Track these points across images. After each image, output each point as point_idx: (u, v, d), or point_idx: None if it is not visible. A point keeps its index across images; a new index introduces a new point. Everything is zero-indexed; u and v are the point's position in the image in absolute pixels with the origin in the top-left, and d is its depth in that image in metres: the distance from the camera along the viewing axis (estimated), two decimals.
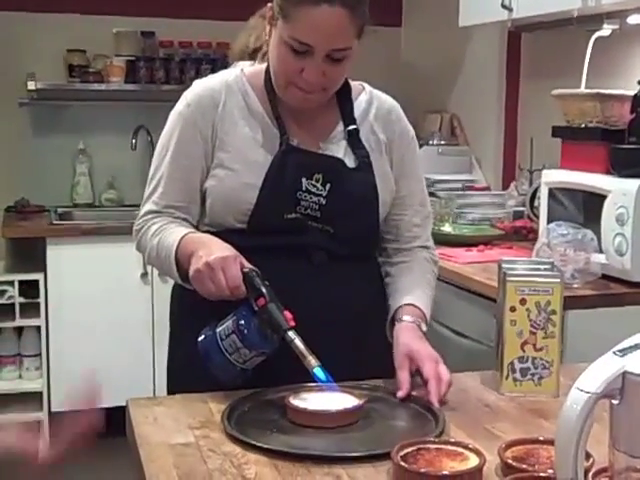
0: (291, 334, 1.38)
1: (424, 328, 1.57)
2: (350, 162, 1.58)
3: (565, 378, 1.48)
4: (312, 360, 1.37)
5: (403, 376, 1.45)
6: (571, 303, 2.18)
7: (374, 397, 1.43)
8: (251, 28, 1.57)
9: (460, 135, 3.94)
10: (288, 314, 1.39)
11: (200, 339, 1.44)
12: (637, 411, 0.89)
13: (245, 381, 1.44)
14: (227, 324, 1.41)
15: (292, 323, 1.38)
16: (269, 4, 1.52)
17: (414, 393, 1.43)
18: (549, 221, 2.56)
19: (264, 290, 1.39)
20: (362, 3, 1.47)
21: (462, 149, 3.84)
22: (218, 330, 1.42)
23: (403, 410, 1.40)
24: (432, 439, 1.23)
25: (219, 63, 4.06)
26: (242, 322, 1.40)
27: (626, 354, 0.90)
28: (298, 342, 1.37)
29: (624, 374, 0.89)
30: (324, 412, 1.33)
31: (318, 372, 1.36)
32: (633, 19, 2.71)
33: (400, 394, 1.42)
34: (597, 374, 0.90)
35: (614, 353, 0.91)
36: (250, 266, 1.42)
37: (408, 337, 1.52)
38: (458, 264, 2.67)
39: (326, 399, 1.36)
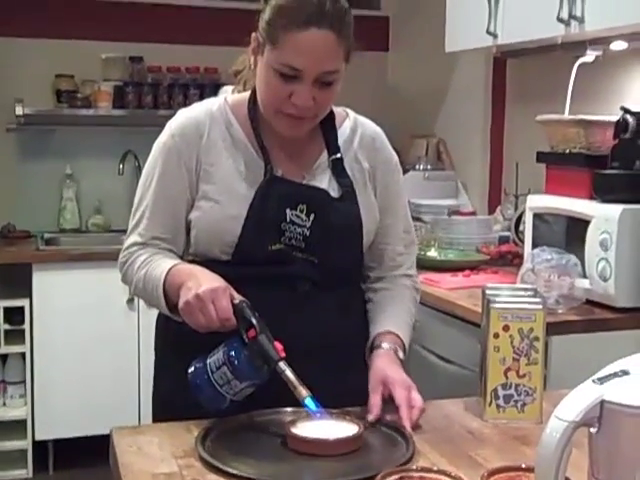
0: (282, 365, 1.38)
1: (401, 355, 1.58)
2: (334, 192, 1.59)
3: (549, 405, 1.48)
4: (303, 391, 1.37)
5: (374, 400, 1.46)
6: (555, 328, 2.19)
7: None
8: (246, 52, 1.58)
9: (446, 160, 3.96)
10: (278, 345, 1.39)
11: (190, 371, 1.44)
12: (615, 439, 0.90)
13: (233, 411, 1.44)
14: (217, 356, 1.41)
15: (282, 354, 1.39)
16: (253, 34, 1.52)
17: (387, 417, 1.44)
18: (534, 246, 2.58)
19: (254, 322, 1.39)
20: (348, 26, 1.48)
21: (448, 174, 3.87)
22: (208, 362, 1.42)
23: (375, 435, 1.40)
24: (414, 467, 1.23)
25: (207, 88, 4.09)
26: (233, 354, 1.40)
27: (604, 382, 0.91)
28: (289, 373, 1.38)
29: (602, 402, 0.89)
30: (324, 441, 1.33)
31: (309, 402, 1.37)
32: (616, 45, 2.75)
33: (370, 417, 1.43)
34: (575, 402, 0.90)
35: (593, 381, 0.92)
36: (240, 297, 1.42)
37: (384, 363, 1.53)
38: (444, 290, 2.67)
39: (323, 427, 1.37)
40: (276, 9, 1.46)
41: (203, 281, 1.40)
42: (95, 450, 2.15)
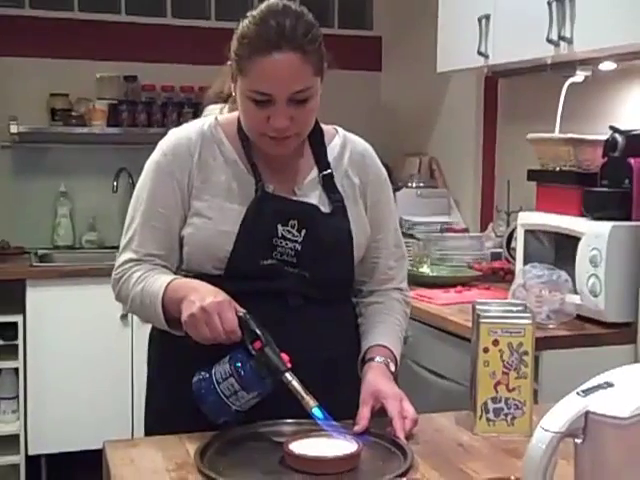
0: (288, 376, 1.40)
1: (392, 368, 1.60)
2: (325, 207, 1.61)
3: (538, 418, 1.47)
4: (310, 400, 1.39)
5: (364, 412, 1.49)
6: (546, 343, 2.22)
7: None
8: (226, 74, 1.60)
9: (439, 177, 3.99)
10: (285, 356, 1.41)
11: (195, 382, 1.45)
12: (600, 449, 0.91)
13: (237, 421, 1.46)
14: (224, 368, 1.43)
15: (289, 365, 1.41)
16: (228, 62, 1.54)
17: (382, 430, 1.46)
18: (525, 262, 2.60)
19: (260, 333, 1.41)
20: (313, 41, 1.48)
21: (441, 191, 3.89)
22: (214, 373, 1.43)
23: (374, 449, 1.42)
24: (405, 479, 1.25)
25: (201, 107, 4.11)
26: (239, 365, 1.41)
27: (588, 394, 0.93)
28: (296, 383, 1.40)
29: (586, 414, 0.91)
30: (322, 459, 1.33)
31: (317, 412, 1.39)
32: (605, 66, 2.78)
33: (357, 428, 1.45)
34: (561, 414, 0.92)
35: (577, 393, 0.94)
36: (243, 310, 1.43)
37: (375, 376, 1.55)
38: (436, 305, 2.69)
39: (321, 444, 1.38)
40: (240, 39, 1.49)
41: (206, 294, 1.42)
42: (88, 465, 2.16)
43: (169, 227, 1.58)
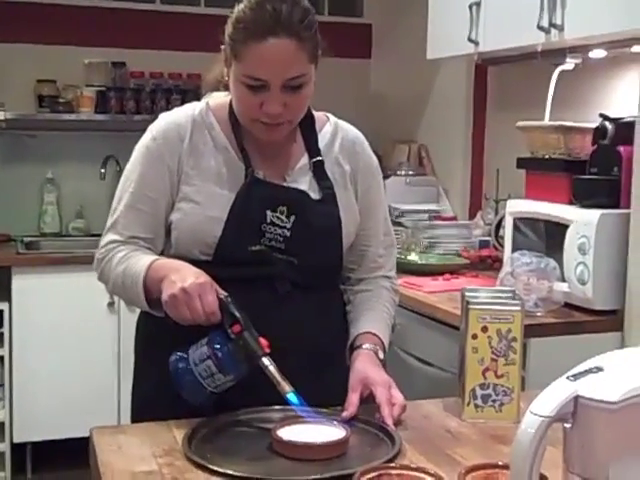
0: (265, 360, 1.40)
1: (381, 355, 1.60)
2: (314, 194, 1.60)
3: (526, 404, 1.47)
4: (286, 386, 1.39)
5: (352, 398, 1.49)
6: (534, 331, 2.22)
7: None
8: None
9: (428, 165, 3.98)
10: (263, 341, 1.41)
11: (171, 360, 1.45)
12: (589, 434, 0.91)
13: (213, 403, 1.46)
14: (202, 350, 1.42)
15: (267, 350, 1.41)
16: (222, 46, 1.53)
17: (370, 416, 1.46)
18: (513, 250, 2.60)
19: (240, 317, 1.41)
20: (309, 28, 1.48)
21: (430, 179, 3.89)
22: (191, 354, 1.43)
23: (362, 435, 1.41)
24: (393, 464, 1.24)
25: (190, 94, 4.08)
26: (218, 347, 1.41)
27: (578, 379, 0.92)
28: (272, 368, 1.40)
29: (576, 398, 0.91)
30: (310, 445, 1.33)
31: (292, 397, 1.39)
32: (595, 54, 2.78)
33: (345, 414, 1.45)
34: (550, 398, 0.92)
35: (567, 378, 0.93)
36: (224, 293, 1.43)
37: (364, 363, 1.55)
38: (424, 293, 2.69)
39: (309, 430, 1.38)
40: (235, 23, 1.48)
41: (187, 275, 1.41)
42: (73, 453, 2.15)
43: (155, 211, 1.57)
